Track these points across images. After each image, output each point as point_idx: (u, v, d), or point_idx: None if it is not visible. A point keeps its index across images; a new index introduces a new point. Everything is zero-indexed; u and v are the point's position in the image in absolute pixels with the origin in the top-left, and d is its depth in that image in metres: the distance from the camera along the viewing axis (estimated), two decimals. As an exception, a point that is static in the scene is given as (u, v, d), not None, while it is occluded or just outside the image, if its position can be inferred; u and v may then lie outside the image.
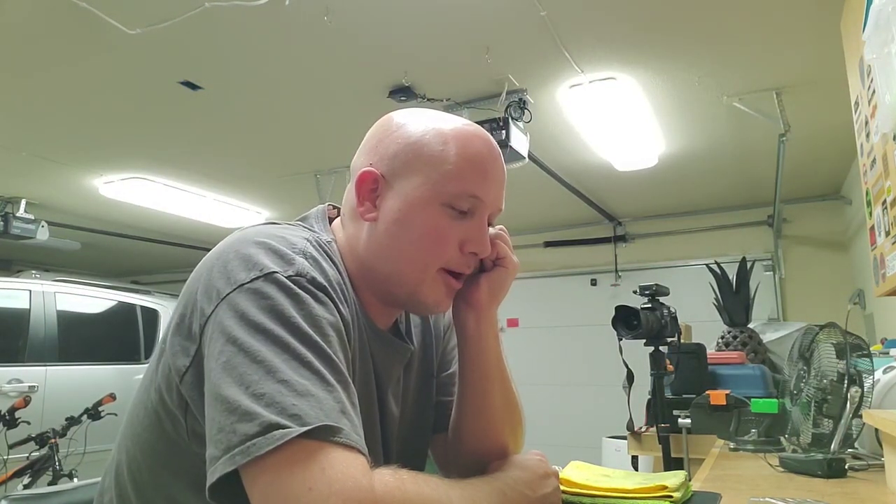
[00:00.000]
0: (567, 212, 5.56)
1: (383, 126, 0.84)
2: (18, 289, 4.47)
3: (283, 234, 0.74)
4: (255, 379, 0.60)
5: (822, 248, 5.19)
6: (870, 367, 1.39)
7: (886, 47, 1.42)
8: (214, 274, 0.69)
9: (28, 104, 3.29)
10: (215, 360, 0.63)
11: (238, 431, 0.57)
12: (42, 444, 3.54)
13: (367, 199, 0.81)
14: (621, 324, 2.10)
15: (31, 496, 1.03)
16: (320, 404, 0.60)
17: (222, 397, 0.60)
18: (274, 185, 4.65)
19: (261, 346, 0.62)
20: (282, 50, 2.76)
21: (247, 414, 0.58)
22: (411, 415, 0.92)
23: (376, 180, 0.80)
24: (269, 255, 0.69)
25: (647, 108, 3.37)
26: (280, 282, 0.66)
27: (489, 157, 0.82)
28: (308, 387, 0.60)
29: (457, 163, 0.79)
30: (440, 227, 0.78)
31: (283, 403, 0.58)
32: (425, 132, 0.81)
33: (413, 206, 0.78)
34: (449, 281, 0.81)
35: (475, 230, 0.81)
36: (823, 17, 2.49)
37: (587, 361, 5.75)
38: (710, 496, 1.07)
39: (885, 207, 1.67)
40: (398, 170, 0.80)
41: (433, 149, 0.79)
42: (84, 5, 2.31)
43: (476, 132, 0.83)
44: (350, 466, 0.58)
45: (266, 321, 0.63)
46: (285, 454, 0.57)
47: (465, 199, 0.79)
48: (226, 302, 0.65)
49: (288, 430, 0.57)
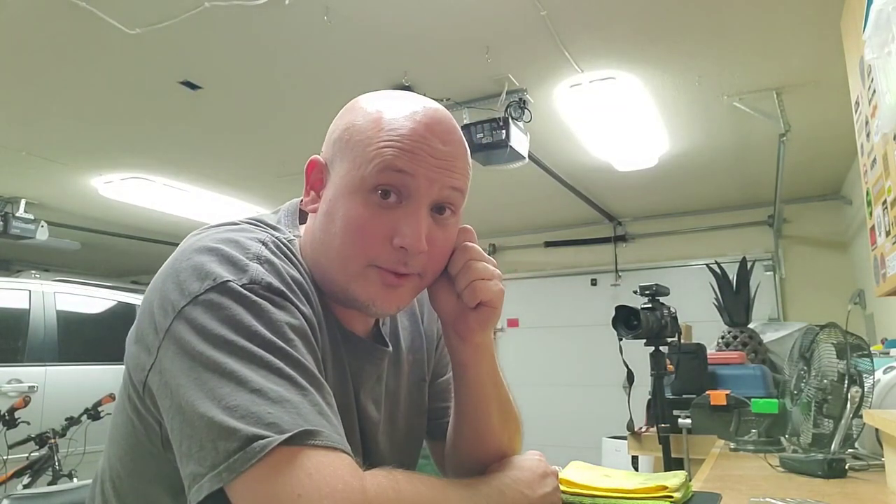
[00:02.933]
0: (567, 212, 5.56)
1: (340, 112, 0.79)
2: (18, 289, 4.46)
3: (237, 238, 0.69)
4: (227, 392, 0.58)
5: (823, 248, 5.19)
6: (870, 368, 1.39)
7: (887, 47, 1.42)
8: (168, 285, 0.66)
9: (28, 104, 3.29)
10: (184, 376, 0.60)
11: (220, 449, 0.56)
12: (42, 445, 3.54)
13: (312, 189, 0.77)
14: (621, 324, 2.10)
15: (32, 495, 1.03)
16: (297, 409, 0.58)
17: (197, 414, 0.58)
18: (273, 184, 4.65)
19: (226, 359, 0.59)
20: (281, 50, 2.76)
21: (224, 430, 0.56)
22: (403, 420, 0.89)
23: (321, 169, 0.76)
24: (221, 263, 0.65)
25: (647, 107, 3.37)
26: (234, 291, 0.63)
27: (421, 130, 0.71)
28: (282, 393, 0.58)
29: (380, 136, 0.70)
30: (361, 218, 0.70)
31: (258, 413, 0.57)
32: (365, 114, 0.73)
33: (339, 195, 0.72)
34: (385, 278, 0.72)
35: (405, 221, 0.70)
36: (823, 16, 2.48)
37: (587, 361, 5.75)
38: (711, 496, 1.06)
39: (886, 207, 1.67)
40: (335, 155, 0.75)
41: (364, 130, 0.72)
42: (84, 5, 2.31)
43: (417, 107, 0.73)
44: (338, 468, 0.57)
45: (226, 333, 0.61)
46: (268, 464, 0.55)
47: (388, 176, 0.69)
48: (181, 316, 0.62)
49: (268, 440, 0.56)
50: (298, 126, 3.60)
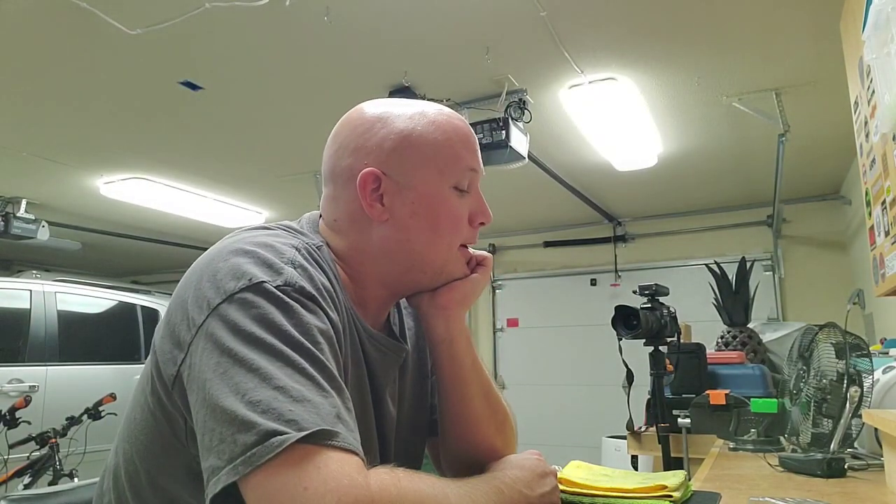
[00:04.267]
0: (567, 212, 5.56)
1: (362, 123, 0.83)
2: (19, 289, 4.47)
3: (271, 243, 0.73)
4: (251, 387, 0.60)
5: (822, 248, 5.19)
6: (869, 367, 1.39)
7: (886, 47, 1.43)
8: (204, 283, 0.69)
9: (29, 104, 3.30)
10: (211, 371, 0.63)
11: (238, 441, 0.58)
12: (42, 444, 3.54)
13: (374, 201, 0.80)
14: (621, 324, 2.10)
15: (32, 496, 1.03)
16: (317, 409, 0.60)
17: (220, 408, 0.60)
18: (274, 185, 4.66)
19: (254, 355, 0.62)
20: (282, 50, 2.77)
21: (245, 423, 0.58)
22: (407, 416, 0.92)
23: (378, 179, 0.80)
24: (257, 265, 0.69)
25: (647, 108, 3.37)
26: (269, 291, 0.66)
27: (470, 132, 0.87)
28: (304, 392, 0.61)
29: (453, 145, 0.83)
30: (457, 211, 0.83)
31: (279, 410, 0.59)
32: (413, 122, 0.82)
33: (429, 197, 0.81)
34: (465, 253, 0.87)
35: (477, 203, 0.86)
36: (823, 17, 2.49)
37: (587, 361, 5.76)
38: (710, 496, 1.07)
39: (885, 207, 1.67)
40: (400, 166, 0.80)
41: (428, 138, 0.82)
42: (84, 5, 2.32)
43: (453, 116, 0.87)
44: (345, 465, 0.59)
45: (257, 330, 0.63)
46: (282, 458, 0.57)
47: (466, 176, 0.84)
48: (216, 313, 0.65)
49: (286, 437, 0.57)
50: (299, 126, 3.60)
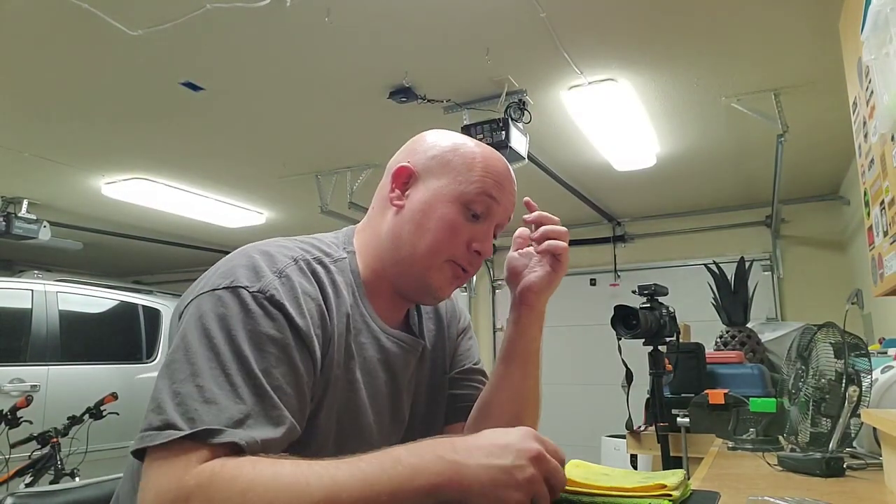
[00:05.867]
0: (566, 212, 5.56)
1: (425, 135, 0.99)
2: (21, 289, 4.47)
3: (273, 252, 0.82)
4: (181, 378, 0.69)
5: (821, 248, 5.20)
6: (868, 367, 1.40)
7: (885, 48, 1.43)
8: (207, 273, 0.80)
9: (30, 105, 3.30)
10: (173, 348, 0.73)
11: (148, 419, 0.67)
12: (44, 444, 3.54)
13: (398, 188, 0.93)
14: (620, 323, 2.11)
15: (37, 493, 1.03)
16: (220, 411, 0.67)
17: (157, 383, 0.70)
18: (275, 185, 4.66)
19: (199, 349, 0.71)
20: (283, 51, 2.77)
21: (159, 407, 0.67)
22: (424, 409, 1.00)
23: (410, 174, 0.93)
24: (247, 270, 0.78)
25: (646, 108, 3.38)
26: (240, 296, 0.75)
27: (507, 175, 0.95)
28: (217, 395, 0.68)
29: (480, 172, 0.92)
30: (456, 223, 0.90)
31: (189, 406, 0.67)
32: (459, 146, 0.95)
33: (438, 200, 0.90)
34: (455, 271, 0.92)
35: (483, 232, 0.92)
36: (822, 17, 2.50)
37: (586, 361, 5.76)
38: (709, 495, 1.07)
39: (884, 207, 1.68)
40: (431, 169, 0.93)
41: (464, 158, 0.93)
42: (86, 6, 2.32)
43: (500, 157, 0.97)
44: (192, 459, 0.65)
45: (213, 327, 0.72)
46: (170, 450, 0.65)
47: (481, 201, 0.91)
48: (197, 299, 0.76)
49: (177, 432, 0.65)
50: (300, 127, 3.61)
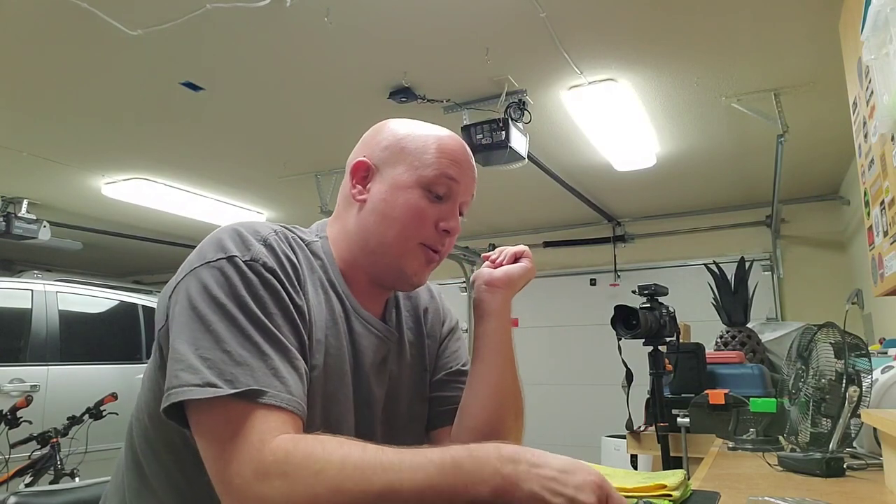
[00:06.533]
0: (566, 212, 5.57)
1: (377, 128, 0.99)
2: (20, 289, 4.47)
3: (255, 226, 0.86)
4: (206, 346, 0.73)
5: (821, 248, 5.20)
6: (868, 367, 1.40)
7: (884, 48, 1.43)
8: (193, 253, 0.83)
9: (30, 104, 3.30)
10: (178, 319, 0.76)
11: (181, 378, 0.71)
12: (44, 444, 3.54)
13: (359, 183, 0.95)
14: (620, 323, 2.11)
15: (39, 492, 1.04)
16: (252, 372, 0.72)
17: (177, 350, 0.74)
18: (275, 185, 4.66)
19: (213, 318, 0.75)
20: (283, 51, 2.77)
21: (191, 367, 0.71)
22: (405, 403, 0.99)
23: (368, 168, 0.95)
24: (234, 241, 0.81)
25: (646, 108, 3.38)
26: (237, 264, 0.79)
27: (462, 153, 0.96)
28: (245, 357, 0.73)
29: (435, 154, 0.93)
30: (419, 207, 0.91)
31: (221, 368, 0.71)
32: (411, 132, 0.96)
33: (398, 188, 0.91)
34: (428, 254, 0.93)
35: (448, 211, 0.94)
36: (822, 18, 2.50)
37: (586, 361, 5.76)
38: (709, 495, 1.08)
39: (884, 207, 1.68)
40: (387, 159, 0.94)
41: (417, 143, 0.94)
42: (86, 6, 2.32)
43: (453, 136, 0.98)
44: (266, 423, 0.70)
45: (221, 295, 0.76)
46: (217, 409, 0.70)
47: (441, 183, 0.92)
48: (193, 273, 0.79)
49: (219, 390, 0.70)
50: (300, 127, 3.61)
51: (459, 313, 6.66)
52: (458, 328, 1.13)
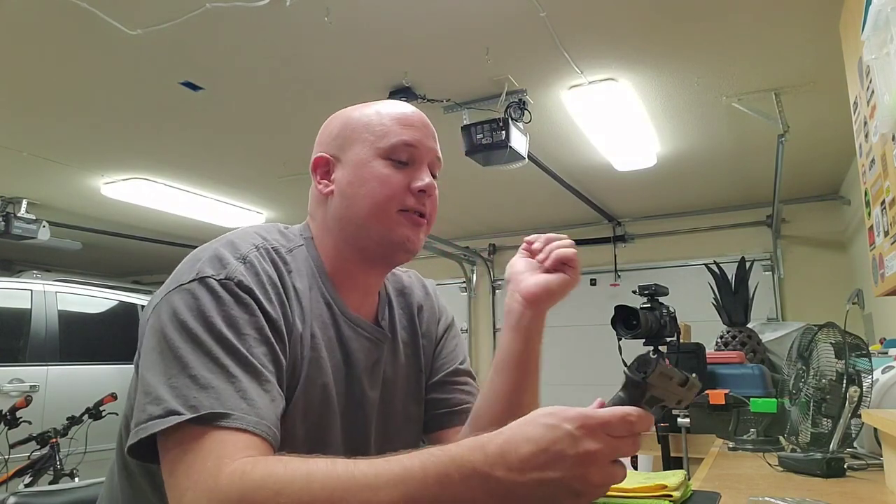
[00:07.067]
0: (567, 212, 5.56)
1: (325, 123, 0.99)
2: (20, 289, 4.46)
3: (237, 241, 0.84)
4: (173, 373, 0.71)
5: (821, 248, 5.20)
6: (868, 367, 1.39)
7: (885, 48, 1.43)
8: (171, 275, 0.82)
9: (29, 104, 3.30)
10: (147, 346, 0.75)
11: (146, 411, 0.69)
12: (43, 444, 3.54)
13: (323, 178, 0.94)
14: (620, 324, 2.10)
15: (39, 492, 1.03)
16: (218, 395, 0.70)
17: (144, 380, 0.72)
18: (274, 185, 4.66)
19: (180, 343, 0.73)
20: (282, 51, 2.77)
21: (157, 399, 0.69)
22: (401, 405, 0.97)
23: (327, 161, 0.94)
24: (210, 260, 0.80)
25: (647, 108, 3.38)
26: (209, 285, 0.77)
27: (414, 115, 0.95)
28: (210, 380, 0.70)
29: (385, 124, 0.92)
30: (384, 175, 0.89)
31: (187, 395, 0.69)
32: (356, 112, 0.95)
33: (359, 167, 0.90)
34: (412, 219, 0.91)
35: (417, 173, 0.91)
36: (822, 17, 2.49)
37: (586, 361, 5.75)
38: (710, 495, 1.07)
39: (884, 207, 1.67)
40: (341, 146, 0.93)
41: (364, 120, 0.93)
42: (85, 6, 2.32)
43: (398, 102, 0.97)
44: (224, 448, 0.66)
45: (189, 320, 0.74)
46: (179, 436, 0.68)
47: (399, 149, 0.90)
48: (165, 299, 0.77)
49: (180, 416, 0.67)
50: (299, 127, 3.60)
51: (459, 314, 6.66)
52: (454, 325, 1.10)
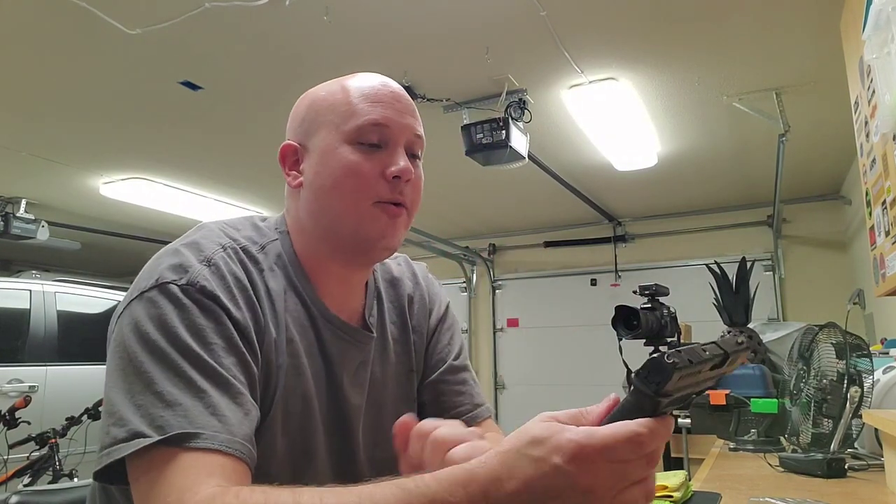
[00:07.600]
0: (567, 212, 5.56)
1: (293, 108, 0.90)
2: (18, 289, 4.47)
3: (200, 241, 0.79)
4: (137, 390, 0.66)
5: (822, 248, 5.19)
6: (869, 367, 1.39)
7: (886, 47, 1.43)
8: (136, 279, 0.76)
9: (28, 104, 3.30)
10: (110, 363, 0.71)
11: (111, 434, 0.64)
12: (42, 444, 3.54)
13: (291, 169, 0.87)
14: (621, 324, 2.09)
15: (41, 491, 1.03)
16: (186, 412, 0.64)
17: (108, 399, 0.67)
18: (274, 185, 4.66)
19: (143, 357, 0.68)
20: (282, 50, 2.76)
21: (121, 420, 0.64)
22: (391, 406, 0.90)
23: (294, 150, 0.87)
24: (171, 264, 0.74)
25: (647, 108, 3.37)
26: (170, 292, 0.71)
27: (384, 89, 0.84)
28: (177, 396, 0.65)
29: (352, 100, 0.82)
30: (352, 163, 0.80)
31: (152, 414, 0.64)
32: (321, 91, 0.86)
33: (325, 155, 0.82)
34: (388, 210, 0.81)
35: (391, 158, 0.81)
36: (823, 17, 2.49)
37: (587, 361, 5.76)
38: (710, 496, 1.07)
39: (885, 207, 1.67)
40: (307, 132, 0.85)
41: (329, 100, 0.84)
42: (84, 5, 2.32)
43: (369, 74, 0.86)
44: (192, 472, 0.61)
45: (151, 331, 0.69)
46: (145, 460, 0.62)
47: (368, 130, 0.81)
48: (127, 309, 0.73)
49: (146, 439, 0.62)
50: (298, 126, 3.60)
51: (459, 314, 6.63)
52: (448, 314, 1.00)
